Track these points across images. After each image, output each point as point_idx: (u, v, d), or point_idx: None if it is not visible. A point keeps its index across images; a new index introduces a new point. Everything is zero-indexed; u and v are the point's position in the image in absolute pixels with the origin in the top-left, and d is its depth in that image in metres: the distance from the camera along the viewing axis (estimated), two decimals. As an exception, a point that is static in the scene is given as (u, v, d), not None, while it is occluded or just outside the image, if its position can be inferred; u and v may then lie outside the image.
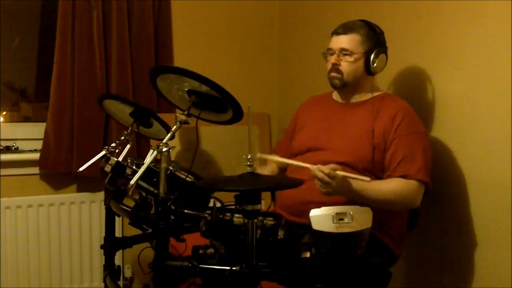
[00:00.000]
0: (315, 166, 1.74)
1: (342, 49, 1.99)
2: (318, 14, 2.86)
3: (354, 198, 1.80)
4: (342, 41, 1.99)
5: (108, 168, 1.96)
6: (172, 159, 2.55)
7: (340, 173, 1.73)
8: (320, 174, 1.72)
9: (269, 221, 1.60)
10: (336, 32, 2.02)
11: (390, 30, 2.06)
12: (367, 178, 1.74)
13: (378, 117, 1.97)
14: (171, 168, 1.77)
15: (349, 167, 1.90)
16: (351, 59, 1.98)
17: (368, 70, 2.00)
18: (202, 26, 3.05)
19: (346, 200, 1.82)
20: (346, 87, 2.04)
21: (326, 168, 1.72)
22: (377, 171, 1.94)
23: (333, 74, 2.02)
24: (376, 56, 1.98)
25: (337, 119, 2.07)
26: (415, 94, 2.24)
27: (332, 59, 2.01)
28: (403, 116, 1.94)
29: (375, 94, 2.05)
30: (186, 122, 1.74)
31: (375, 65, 1.98)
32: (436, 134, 2.15)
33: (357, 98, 2.08)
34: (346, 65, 1.99)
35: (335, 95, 2.17)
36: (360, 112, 2.02)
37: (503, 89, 1.88)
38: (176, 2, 2.90)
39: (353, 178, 1.75)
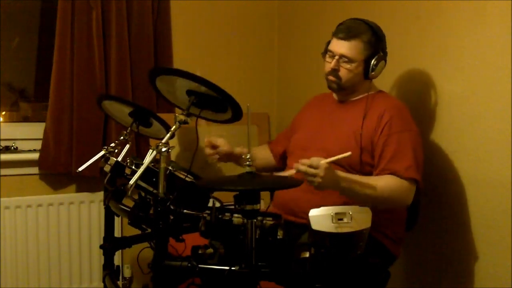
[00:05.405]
0: (296, 164, 1.74)
1: (342, 55, 1.96)
2: (317, 14, 2.86)
3: (345, 193, 1.80)
4: (344, 46, 1.95)
5: (107, 168, 1.96)
6: (172, 159, 2.55)
7: (323, 160, 1.72)
8: (303, 167, 1.72)
9: (268, 221, 1.59)
10: (339, 36, 1.97)
11: (389, 30, 2.05)
12: (347, 153, 1.74)
13: (367, 117, 1.97)
14: (170, 168, 1.77)
15: (336, 165, 1.90)
16: (350, 67, 1.97)
17: (366, 76, 1.99)
18: (201, 27, 3.05)
19: (342, 200, 1.82)
20: (343, 90, 2.05)
21: (307, 160, 1.72)
22: (365, 172, 1.93)
23: (331, 78, 2.01)
24: (376, 64, 1.96)
25: (331, 118, 2.08)
26: (415, 94, 2.24)
27: (332, 64, 1.99)
28: (391, 115, 1.93)
29: (369, 93, 2.05)
30: (185, 122, 1.73)
31: (374, 72, 1.98)
32: (436, 134, 2.15)
33: (351, 97, 2.08)
34: (345, 72, 1.98)
35: (334, 94, 2.17)
36: (352, 111, 2.03)
37: (503, 89, 1.88)
38: (175, 3, 2.90)
39: (335, 159, 1.75)
